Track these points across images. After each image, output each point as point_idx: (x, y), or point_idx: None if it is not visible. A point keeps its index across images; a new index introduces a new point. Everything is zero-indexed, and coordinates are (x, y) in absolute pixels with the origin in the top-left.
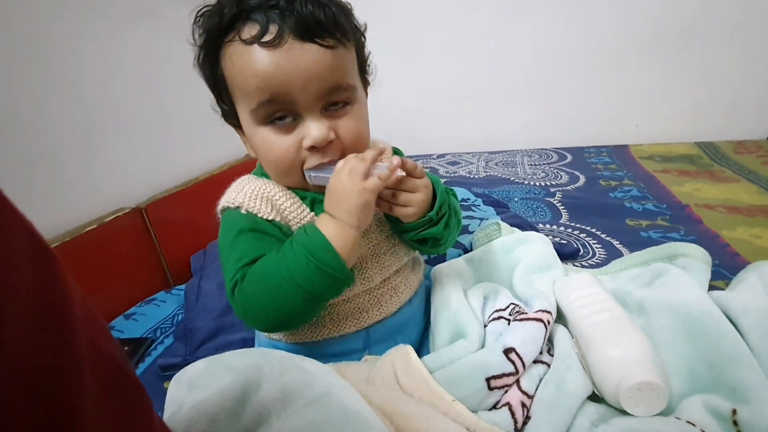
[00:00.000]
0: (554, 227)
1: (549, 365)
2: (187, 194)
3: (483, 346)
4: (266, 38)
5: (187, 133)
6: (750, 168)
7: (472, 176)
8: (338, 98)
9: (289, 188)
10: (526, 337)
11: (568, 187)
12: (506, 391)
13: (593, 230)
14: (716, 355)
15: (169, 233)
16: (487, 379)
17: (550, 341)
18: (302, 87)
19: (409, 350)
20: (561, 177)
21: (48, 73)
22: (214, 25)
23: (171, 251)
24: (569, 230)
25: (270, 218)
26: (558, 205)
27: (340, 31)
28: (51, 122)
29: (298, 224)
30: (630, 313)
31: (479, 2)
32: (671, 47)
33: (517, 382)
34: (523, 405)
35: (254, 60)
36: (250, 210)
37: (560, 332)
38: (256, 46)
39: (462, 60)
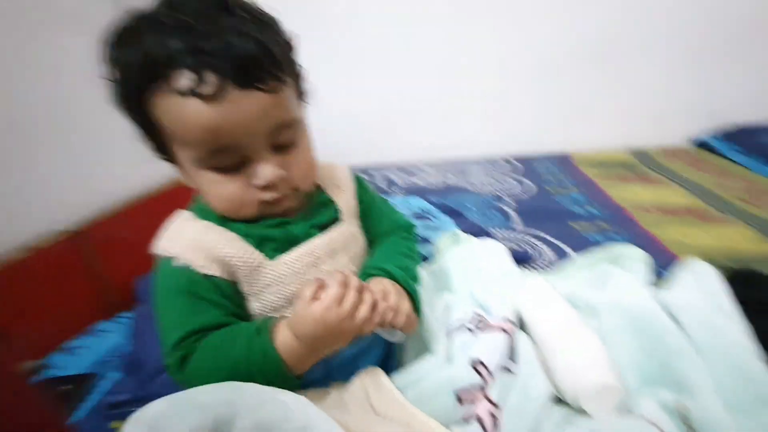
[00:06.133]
0: (507, 232)
1: (510, 371)
2: (129, 214)
3: (449, 357)
4: (205, 90)
5: (125, 146)
6: (678, 173)
7: (429, 186)
8: (285, 137)
9: (232, 226)
10: (491, 348)
11: (519, 195)
12: (475, 403)
13: (543, 234)
14: (662, 352)
15: (110, 256)
16: (457, 393)
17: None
18: (248, 133)
19: (379, 372)
20: (511, 185)
21: None
22: (135, 68)
23: (112, 276)
24: (521, 235)
25: (206, 273)
26: (510, 211)
27: (279, 69)
28: None
29: (246, 266)
30: (582, 314)
31: (428, 13)
32: (603, 61)
33: (485, 393)
34: (493, 415)
35: (195, 114)
36: (185, 262)
37: (521, 338)
38: (194, 99)
39: (412, 69)
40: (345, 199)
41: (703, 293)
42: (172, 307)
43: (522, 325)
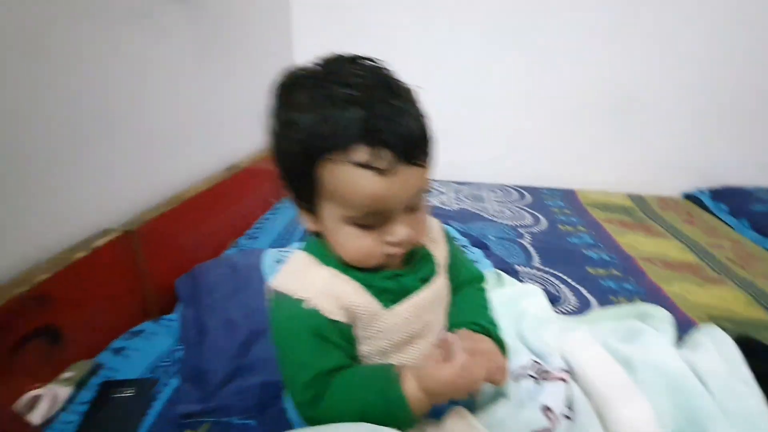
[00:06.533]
0: (529, 269)
1: (569, 418)
2: (177, 213)
3: (519, 402)
4: (380, 165)
5: (171, 142)
6: (673, 224)
7: (446, 208)
8: (418, 200)
9: (353, 274)
10: (556, 395)
11: (533, 229)
12: None
13: (563, 276)
14: (695, 411)
15: (156, 256)
16: None
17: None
18: (402, 200)
19: (465, 413)
20: (525, 217)
21: (35, 78)
22: (312, 135)
23: (155, 275)
24: (543, 274)
25: (333, 318)
26: (529, 247)
27: (431, 145)
28: (34, 130)
29: (368, 315)
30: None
31: (461, 40)
32: (615, 113)
33: None
34: None
35: (364, 183)
36: (314, 306)
37: (575, 388)
38: (368, 171)
39: (439, 92)
40: (440, 253)
41: (724, 360)
42: (301, 347)
43: (571, 374)
